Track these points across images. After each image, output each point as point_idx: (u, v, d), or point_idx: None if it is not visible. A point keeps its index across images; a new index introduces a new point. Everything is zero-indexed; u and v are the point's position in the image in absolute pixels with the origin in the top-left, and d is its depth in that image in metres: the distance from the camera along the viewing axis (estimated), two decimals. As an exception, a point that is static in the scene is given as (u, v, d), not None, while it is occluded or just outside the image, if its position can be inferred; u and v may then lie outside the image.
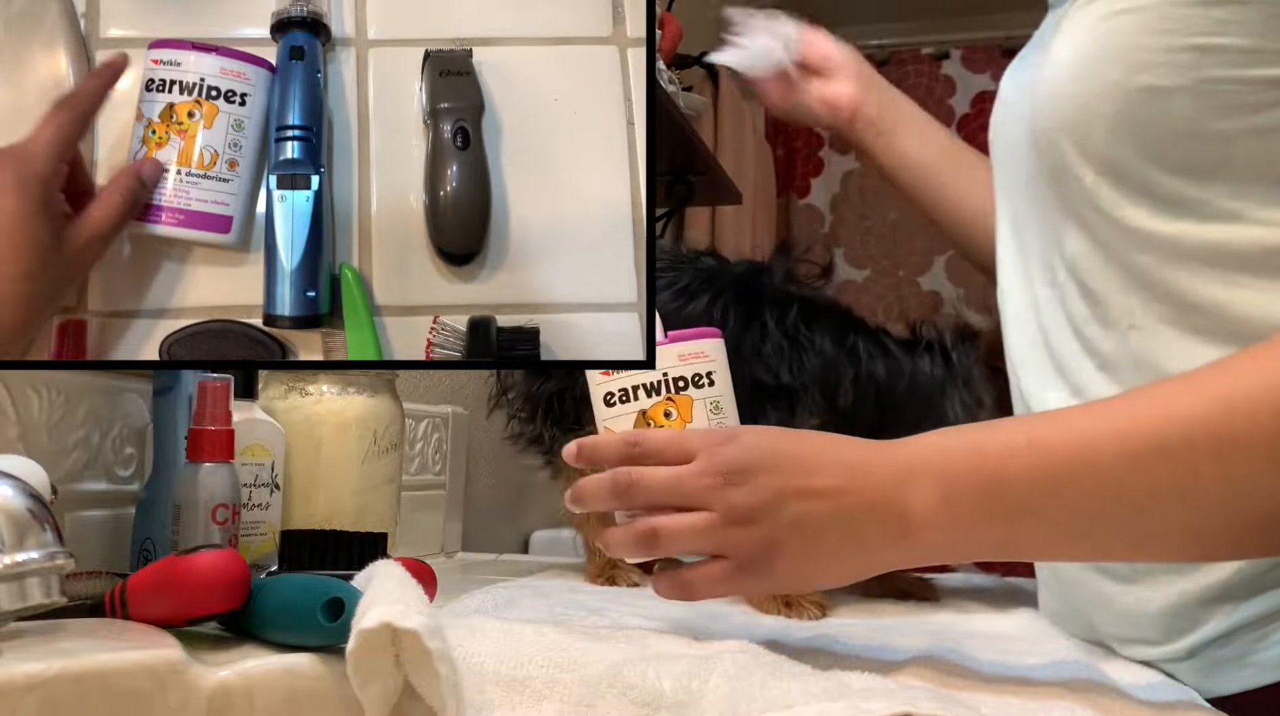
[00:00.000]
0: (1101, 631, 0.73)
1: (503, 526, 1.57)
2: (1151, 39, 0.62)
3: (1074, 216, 0.70)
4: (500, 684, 0.55)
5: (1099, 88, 0.64)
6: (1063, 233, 0.71)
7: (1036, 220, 0.75)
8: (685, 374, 0.64)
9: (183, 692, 0.51)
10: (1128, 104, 0.63)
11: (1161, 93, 0.62)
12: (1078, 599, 0.75)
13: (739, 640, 0.66)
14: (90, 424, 0.78)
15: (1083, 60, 0.66)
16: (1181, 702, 0.60)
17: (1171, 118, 0.62)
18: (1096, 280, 0.69)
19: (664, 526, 0.61)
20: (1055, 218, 0.72)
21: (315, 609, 0.55)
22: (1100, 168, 0.66)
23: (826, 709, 0.49)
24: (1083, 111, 0.66)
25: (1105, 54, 0.64)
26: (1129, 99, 0.63)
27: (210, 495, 0.69)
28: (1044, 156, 0.70)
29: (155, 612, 0.58)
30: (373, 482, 0.91)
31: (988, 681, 0.60)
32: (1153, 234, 0.65)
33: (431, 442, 1.29)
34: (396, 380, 0.96)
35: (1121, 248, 0.67)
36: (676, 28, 1.87)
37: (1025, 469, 0.56)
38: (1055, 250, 0.73)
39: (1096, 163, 0.66)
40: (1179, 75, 0.61)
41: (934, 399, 0.88)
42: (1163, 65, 0.62)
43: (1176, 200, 0.64)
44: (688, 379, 0.64)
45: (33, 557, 0.50)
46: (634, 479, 0.61)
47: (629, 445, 0.62)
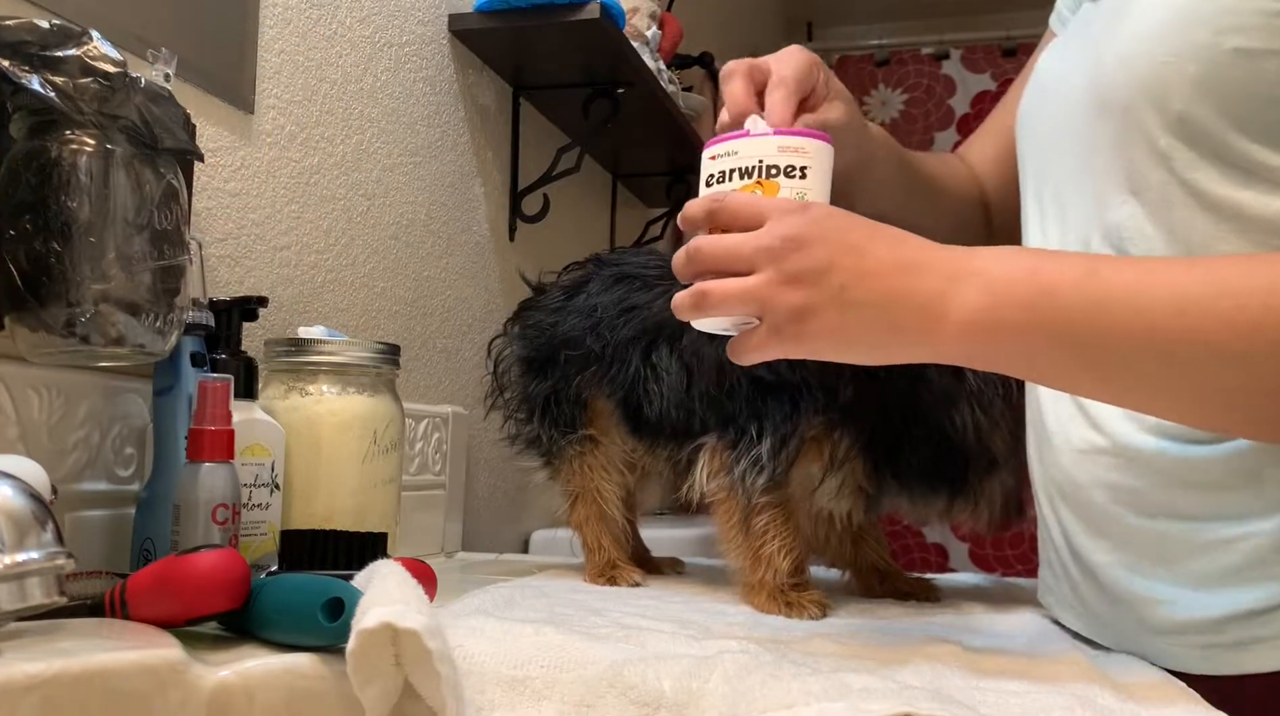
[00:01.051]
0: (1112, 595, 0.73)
1: (503, 526, 1.57)
2: (1245, 2, 0.62)
3: (1129, 183, 0.69)
4: (500, 684, 0.55)
5: (1183, 48, 0.65)
6: (1111, 201, 0.71)
7: (1084, 191, 0.75)
8: (779, 163, 0.66)
9: (183, 692, 0.51)
10: (1215, 65, 0.63)
11: (1251, 55, 0.62)
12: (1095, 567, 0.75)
13: (739, 640, 0.66)
14: (90, 424, 0.78)
15: (1167, 20, 0.66)
16: (1179, 697, 0.60)
17: (1259, 81, 0.63)
18: (1141, 250, 0.69)
19: (712, 288, 0.63)
20: (1106, 186, 0.71)
21: (315, 609, 0.55)
22: (1177, 128, 0.66)
23: (826, 709, 0.49)
24: (1163, 70, 0.66)
25: (1193, 14, 0.64)
26: (1216, 60, 0.63)
27: (210, 495, 0.69)
28: (1112, 120, 0.70)
29: (155, 612, 0.58)
30: (373, 482, 0.91)
31: (987, 681, 0.60)
32: (1221, 199, 0.65)
33: (431, 442, 1.30)
34: (397, 380, 0.96)
35: (1182, 214, 0.67)
36: (677, 28, 1.87)
37: (1077, 290, 0.58)
38: (1098, 220, 0.72)
39: (1173, 122, 0.66)
40: (1271, 39, 0.62)
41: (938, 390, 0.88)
42: (1255, 29, 0.62)
43: (1250, 167, 0.64)
44: (780, 168, 0.66)
45: (33, 557, 0.50)
46: (698, 246, 0.64)
47: (713, 201, 0.65)
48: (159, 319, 0.71)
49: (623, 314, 0.97)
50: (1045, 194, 0.81)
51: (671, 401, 0.93)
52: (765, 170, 0.66)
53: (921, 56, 3.29)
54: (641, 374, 0.95)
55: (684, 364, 0.93)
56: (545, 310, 1.03)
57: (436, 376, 1.40)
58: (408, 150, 1.32)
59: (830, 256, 0.61)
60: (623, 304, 0.97)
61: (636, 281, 0.98)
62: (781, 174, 0.66)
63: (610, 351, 0.97)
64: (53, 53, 0.66)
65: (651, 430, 0.97)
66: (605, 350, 0.97)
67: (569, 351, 0.99)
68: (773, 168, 0.66)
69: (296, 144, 1.09)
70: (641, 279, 0.98)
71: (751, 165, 0.67)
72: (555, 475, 1.03)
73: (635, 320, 0.96)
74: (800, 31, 3.76)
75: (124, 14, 0.86)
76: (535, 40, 1.44)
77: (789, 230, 0.62)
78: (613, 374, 0.97)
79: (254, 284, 1.02)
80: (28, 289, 0.67)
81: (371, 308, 1.24)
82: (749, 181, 0.67)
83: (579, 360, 0.98)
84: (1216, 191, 0.65)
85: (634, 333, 0.96)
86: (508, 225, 1.59)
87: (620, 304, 0.97)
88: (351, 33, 1.19)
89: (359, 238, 1.21)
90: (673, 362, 0.93)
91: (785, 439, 0.87)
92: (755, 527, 0.88)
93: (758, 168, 0.67)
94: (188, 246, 0.74)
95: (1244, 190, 0.64)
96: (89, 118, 0.67)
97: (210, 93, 0.96)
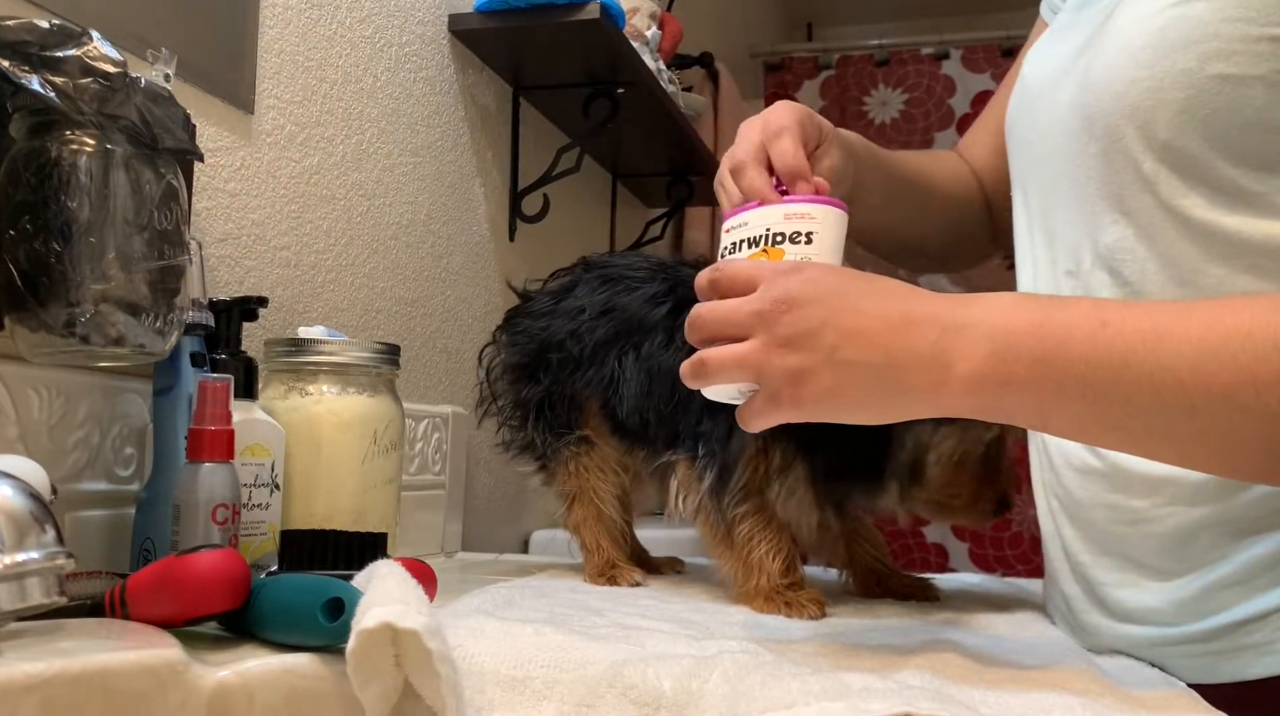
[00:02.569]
0: (1106, 607, 0.73)
1: (503, 526, 1.57)
2: (1228, 27, 0.62)
3: (1119, 205, 0.69)
4: (500, 684, 0.55)
5: (1168, 74, 0.64)
6: (1101, 220, 0.70)
7: (1072, 207, 0.74)
8: (785, 230, 0.67)
9: (183, 692, 0.51)
10: (1199, 91, 0.63)
11: (1235, 81, 0.62)
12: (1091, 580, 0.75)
13: (739, 640, 0.66)
14: (90, 424, 0.78)
15: (1151, 46, 0.65)
16: (1179, 698, 0.60)
17: (1243, 107, 0.62)
18: (1134, 271, 0.68)
19: (709, 356, 0.63)
20: (1096, 205, 0.71)
21: (315, 609, 0.55)
22: (1161, 154, 0.65)
23: (826, 709, 0.49)
24: (1148, 97, 0.65)
25: (1177, 40, 0.64)
26: (1200, 87, 0.63)
27: (210, 495, 0.69)
28: (1098, 141, 0.69)
29: (155, 612, 0.58)
30: (373, 482, 0.91)
31: (988, 681, 0.60)
32: (1208, 225, 0.64)
33: (431, 442, 1.30)
34: (396, 380, 0.96)
35: (1170, 238, 0.66)
36: (676, 28, 1.87)
37: (1091, 343, 0.56)
38: (1088, 238, 0.72)
39: (1158, 149, 0.66)
40: (1255, 64, 0.61)
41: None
42: (1239, 54, 0.61)
43: (1236, 192, 0.63)
44: (786, 234, 0.67)
45: (33, 557, 0.50)
46: (698, 312, 0.64)
47: (714, 270, 0.65)
48: (159, 319, 0.71)
49: (603, 315, 0.97)
50: (1033, 205, 0.80)
51: (634, 407, 0.94)
52: (771, 238, 0.67)
53: (921, 56, 3.28)
54: (616, 376, 0.95)
55: (646, 371, 0.93)
56: (535, 315, 1.02)
57: (436, 376, 1.40)
58: (408, 150, 1.32)
59: (822, 316, 0.59)
60: (605, 306, 0.97)
61: (621, 283, 0.98)
62: (787, 240, 0.66)
63: (589, 353, 0.97)
64: (53, 53, 0.66)
65: (627, 434, 0.97)
66: (584, 352, 0.97)
67: (557, 354, 0.99)
68: (779, 235, 0.67)
69: (296, 144, 1.09)
70: (628, 281, 0.98)
71: (759, 234, 0.67)
72: (550, 479, 1.03)
73: (612, 322, 0.96)
74: (800, 31, 3.76)
75: (124, 14, 0.86)
76: (535, 40, 1.44)
77: (780, 292, 0.60)
78: (589, 376, 0.97)
79: (254, 284, 1.02)
80: (28, 289, 0.67)
81: (371, 308, 1.24)
82: (756, 250, 0.68)
83: (569, 362, 0.98)
84: (1203, 216, 0.65)
85: (609, 335, 0.96)
86: (508, 225, 1.59)
87: (603, 306, 0.97)
88: (351, 33, 1.19)
89: (359, 238, 1.21)
90: (638, 369, 0.94)
91: (728, 459, 0.87)
92: (739, 537, 0.88)
93: (765, 236, 0.67)
94: (188, 246, 0.74)
95: (1231, 215, 0.64)
96: (89, 118, 0.67)
97: (210, 93, 0.96)
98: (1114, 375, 0.55)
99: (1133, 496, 0.70)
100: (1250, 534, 0.65)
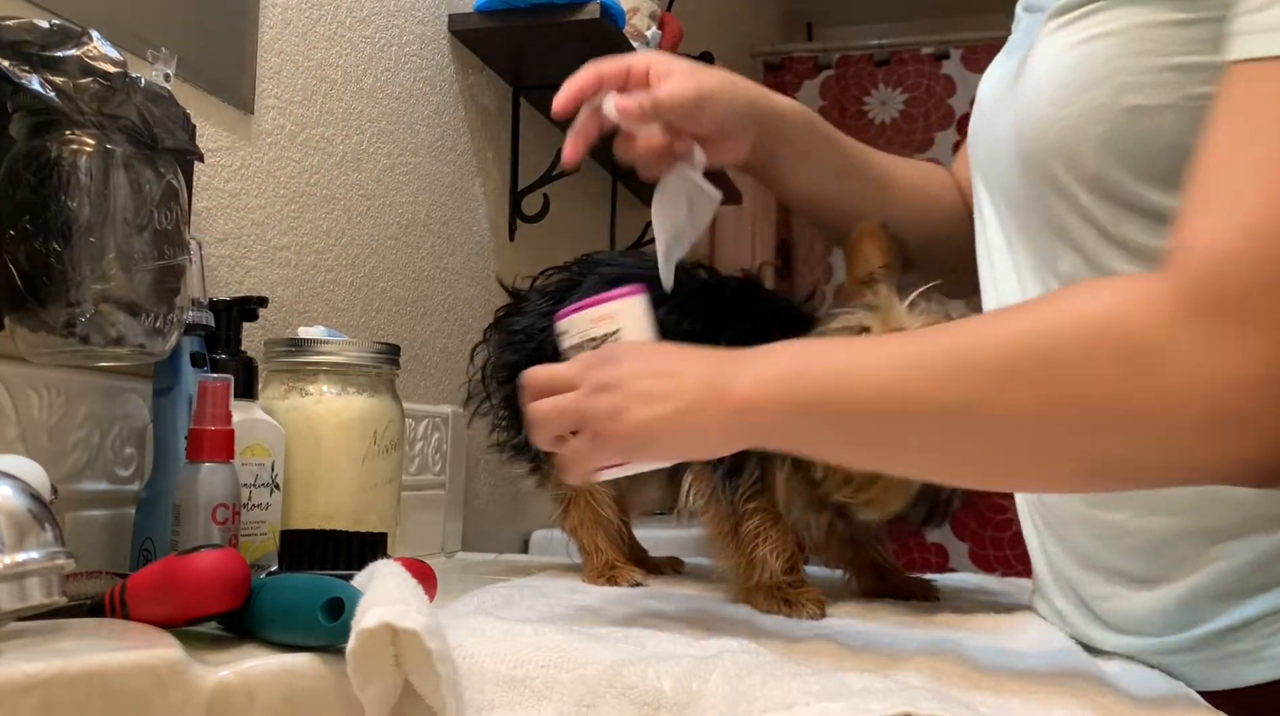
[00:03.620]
0: (1101, 620, 0.74)
1: (503, 526, 1.57)
2: (1133, 61, 0.63)
3: (1065, 237, 0.70)
4: (500, 684, 0.55)
5: (1086, 110, 0.65)
6: (1055, 251, 0.71)
7: (1026, 237, 0.75)
8: (594, 334, 0.75)
9: (183, 692, 0.51)
10: (1115, 124, 0.64)
11: (1148, 111, 0.63)
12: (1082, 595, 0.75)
13: (739, 640, 0.66)
14: (90, 424, 0.78)
15: (1065, 84, 0.67)
16: (1179, 700, 0.60)
17: (1158, 134, 0.63)
18: None
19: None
20: (1045, 236, 0.72)
21: (315, 609, 0.55)
22: (1093, 186, 0.67)
23: (826, 709, 0.49)
24: (1070, 134, 0.66)
25: (1089, 77, 0.65)
26: (1116, 119, 0.64)
27: (210, 495, 0.69)
28: (1034, 179, 0.71)
29: (155, 612, 0.58)
30: (373, 482, 0.91)
31: (988, 681, 0.60)
32: (1147, 249, 0.65)
33: (431, 442, 1.29)
34: (396, 380, 0.96)
35: (1116, 265, 0.67)
36: (677, 28, 1.87)
37: (819, 360, 0.64)
38: (1049, 267, 0.73)
39: (1089, 182, 0.67)
40: (1164, 94, 0.62)
41: None
42: (1148, 86, 0.63)
43: (1166, 215, 0.64)
44: (598, 338, 0.75)
45: (33, 557, 0.50)
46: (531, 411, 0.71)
47: (524, 385, 0.73)
48: (159, 319, 0.71)
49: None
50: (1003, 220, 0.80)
51: None
52: (587, 344, 0.75)
53: (921, 56, 3.28)
54: None
55: None
56: (534, 314, 1.02)
57: (436, 376, 1.40)
58: (408, 150, 1.32)
59: (631, 367, 0.68)
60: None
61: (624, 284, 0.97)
62: (602, 342, 0.74)
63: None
64: (53, 53, 0.66)
65: None
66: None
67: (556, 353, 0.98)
68: (592, 339, 0.75)
69: (296, 144, 1.09)
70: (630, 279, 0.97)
71: (581, 340, 0.76)
72: (544, 481, 1.03)
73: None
74: (800, 31, 3.76)
75: (124, 14, 0.86)
76: (535, 40, 1.44)
77: (593, 359, 0.70)
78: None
79: (254, 284, 1.02)
80: (28, 289, 0.67)
81: (371, 308, 1.24)
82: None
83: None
84: (1141, 241, 0.66)
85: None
86: (508, 225, 1.59)
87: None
88: (351, 33, 1.19)
89: (359, 238, 1.21)
90: None
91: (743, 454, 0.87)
92: (746, 532, 0.88)
93: (584, 342, 0.76)
94: (188, 246, 0.74)
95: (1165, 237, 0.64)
96: (89, 118, 0.67)
97: (210, 93, 0.96)
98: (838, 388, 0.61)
99: (1110, 509, 0.70)
100: (1226, 539, 0.66)
